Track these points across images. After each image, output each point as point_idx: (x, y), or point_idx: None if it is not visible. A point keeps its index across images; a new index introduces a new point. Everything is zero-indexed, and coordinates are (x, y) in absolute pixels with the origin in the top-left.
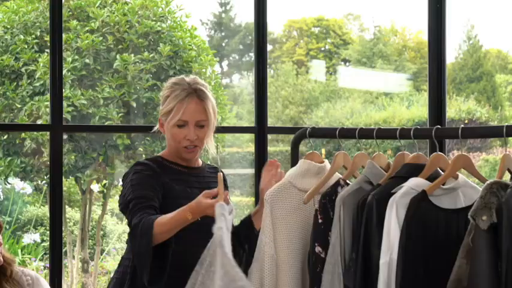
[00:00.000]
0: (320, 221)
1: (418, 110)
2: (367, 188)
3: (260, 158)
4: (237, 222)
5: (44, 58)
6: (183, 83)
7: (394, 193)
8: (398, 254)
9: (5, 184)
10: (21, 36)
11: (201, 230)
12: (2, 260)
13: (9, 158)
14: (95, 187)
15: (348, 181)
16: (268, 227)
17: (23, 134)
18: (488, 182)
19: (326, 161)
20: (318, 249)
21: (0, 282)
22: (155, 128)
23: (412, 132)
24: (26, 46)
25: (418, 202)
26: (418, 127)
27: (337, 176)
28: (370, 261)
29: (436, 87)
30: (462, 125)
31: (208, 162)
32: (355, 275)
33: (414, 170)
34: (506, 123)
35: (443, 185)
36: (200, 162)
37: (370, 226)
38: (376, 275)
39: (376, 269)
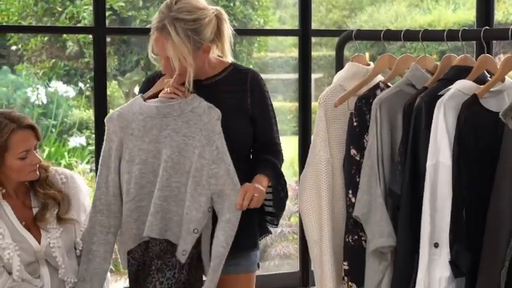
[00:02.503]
0: (355, 124)
1: (465, 14)
2: (408, 91)
3: (304, 62)
4: None
5: None
6: (160, 14)
7: (441, 95)
8: (453, 159)
9: (48, 87)
10: None
11: None
12: (38, 174)
13: (52, 61)
14: (137, 90)
15: (389, 84)
16: (323, 131)
17: (64, 36)
18: None
19: (372, 63)
20: (352, 151)
21: (33, 186)
22: None
23: (460, 33)
24: None
25: (469, 106)
26: (466, 28)
27: (379, 79)
28: (417, 164)
29: None
30: None
31: (244, 65)
32: (403, 178)
33: (462, 72)
34: None
35: None
36: (220, 68)
37: (419, 129)
38: (423, 177)
39: (424, 172)
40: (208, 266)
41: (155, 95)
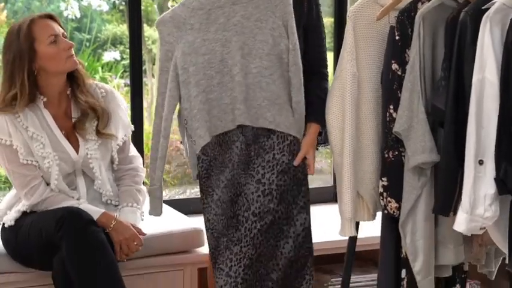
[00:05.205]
0: (397, 37)
1: None
2: (450, 4)
3: None
4: None
5: None
6: None
7: (486, 9)
8: (500, 75)
9: (81, 1)
10: None
11: None
12: (77, 62)
13: None
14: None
15: None
16: (350, 45)
17: None
18: None
19: None
20: (394, 66)
21: (74, 92)
22: None
23: None
24: None
25: None
26: None
27: None
28: (462, 79)
29: None
30: None
31: None
32: (447, 94)
33: None
34: None
35: None
36: None
37: (464, 44)
38: (468, 93)
39: (469, 88)
40: None
41: None
